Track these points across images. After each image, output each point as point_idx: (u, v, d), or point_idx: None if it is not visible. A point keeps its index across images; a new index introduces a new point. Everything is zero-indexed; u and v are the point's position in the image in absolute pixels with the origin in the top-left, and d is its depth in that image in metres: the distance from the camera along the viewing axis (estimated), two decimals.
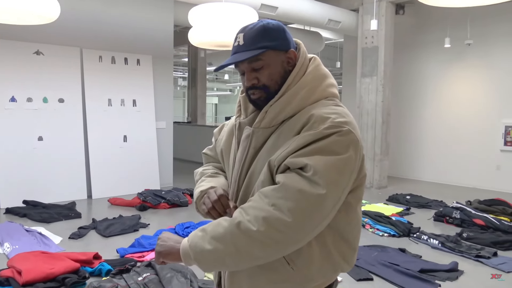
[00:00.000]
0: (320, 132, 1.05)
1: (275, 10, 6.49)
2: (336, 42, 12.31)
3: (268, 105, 1.17)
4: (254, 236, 1.01)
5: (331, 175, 1.02)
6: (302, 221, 1.00)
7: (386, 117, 7.27)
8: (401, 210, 5.48)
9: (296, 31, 9.39)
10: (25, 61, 5.67)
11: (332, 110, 1.12)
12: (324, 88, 1.19)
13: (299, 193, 1.01)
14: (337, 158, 1.04)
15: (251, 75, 1.17)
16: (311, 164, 1.02)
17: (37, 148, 5.69)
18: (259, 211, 1.02)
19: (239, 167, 1.21)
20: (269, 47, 1.15)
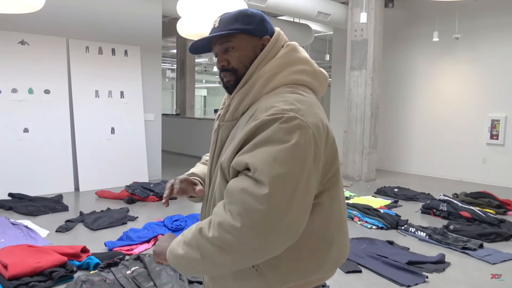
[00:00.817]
0: (260, 122, 1.00)
1: (265, 2, 6.45)
2: (325, 34, 12.30)
3: (230, 98, 1.16)
4: (212, 241, 0.97)
5: (272, 169, 0.94)
6: (252, 225, 0.93)
7: (374, 110, 7.30)
8: (389, 202, 5.53)
9: (285, 23, 9.35)
10: (10, 51, 5.54)
11: (282, 98, 1.06)
12: (286, 75, 1.13)
13: (242, 194, 0.95)
14: (279, 148, 0.96)
15: (222, 57, 1.17)
16: (250, 163, 0.96)
17: (23, 140, 5.60)
18: (216, 216, 0.99)
19: (210, 162, 1.23)
20: (242, 30, 1.15)
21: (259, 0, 6.36)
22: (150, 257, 3.13)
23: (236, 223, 0.93)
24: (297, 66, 1.15)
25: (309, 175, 0.99)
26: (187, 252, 1.01)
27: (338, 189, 1.15)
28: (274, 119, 0.99)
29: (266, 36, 1.18)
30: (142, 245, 3.75)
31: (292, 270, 1.08)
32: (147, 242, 3.82)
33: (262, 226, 0.93)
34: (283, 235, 0.96)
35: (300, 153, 0.98)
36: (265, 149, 0.96)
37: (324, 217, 1.10)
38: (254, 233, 0.93)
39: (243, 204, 0.94)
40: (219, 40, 1.17)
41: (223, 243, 0.95)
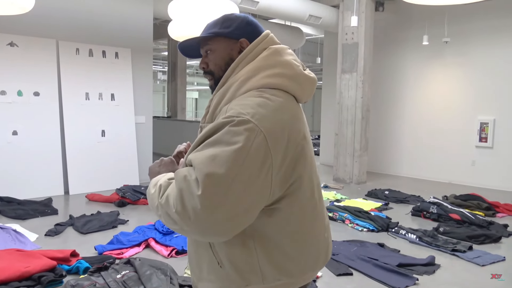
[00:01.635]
0: (215, 124, 1.05)
1: (256, 5, 6.46)
2: (316, 38, 12.37)
3: (209, 101, 1.21)
4: (160, 204, 1.07)
5: (208, 168, 0.98)
6: (182, 214, 1.00)
7: (365, 113, 7.34)
8: (380, 205, 5.56)
9: (276, 26, 9.38)
10: None
11: (244, 101, 1.07)
12: (259, 79, 1.12)
13: (183, 180, 1.02)
14: (222, 150, 0.99)
15: (203, 60, 1.25)
16: (192, 159, 1.03)
17: (12, 143, 5.53)
18: (170, 188, 1.07)
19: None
20: (218, 33, 1.20)
21: (251, 3, 6.37)
22: (141, 261, 3.11)
23: (172, 206, 1.02)
24: (273, 70, 1.14)
25: (251, 179, 1.00)
26: (152, 195, 1.12)
27: (301, 195, 1.15)
28: (227, 122, 1.03)
29: (243, 38, 1.21)
30: (133, 249, 3.73)
31: (252, 271, 1.12)
32: (138, 246, 3.79)
33: (188, 218, 0.99)
34: (211, 231, 1.01)
35: (243, 157, 0.99)
36: (210, 149, 1.01)
37: (280, 223, 1.12)
38: (184, 220, 1.00)
39: (180, 191, 1.01)
40: (201, 43, 1.25)
41: (165, 213, 1.05)
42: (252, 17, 1.28)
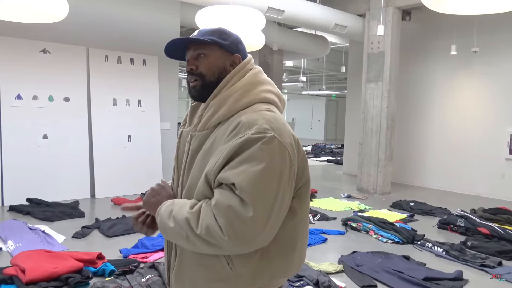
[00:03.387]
0: (246, 139, 1.09)
1: (282, 14, 6.49)
2: (341, 46, 12.31)
3: (203, 108, 1.24)
4: (198, 236, 1.08)
5: (256, 190, 1.05)
6: (236, 239, 1.05)
7: (390, 123, 7.25)
8: (405, 216, 5.46)
9: (300, 34, 9.39)
10: (32, 60, 5.68)
11: (261, 116, 1.15)
12: (258, 92, 1.23)
13: (228, 210, 1.05)
14: (262, 168, 1.06)
15: (192, 62, 1.26)
16: (237, 183, 1.05)
17: (42, 146, 5.70)
18: (205, 217, 1.08)
19: (181, 172, 1.28)
20: (216, 42, 1.24)
21: (276, 12, 6.40)
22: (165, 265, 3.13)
23: (221, 234, 1.05)
24: (264, 86, 1.26)
25: (284, 192, 1.11)
26: (175, 228, 1.13)
27: (307, 197, 1.26)
28: (257, 138, 1.08)
29: (237, 54, 1.28)
30: (157, 253, 3.77)
31: (263, 271, 1.17)
32: (162, 250, 3.83)
33: (242, 239, 1.05)
34: (258, 244, 1.10)
35: (278, 173, 1.09)
36: (248, 168, 1.06)
37: (293, 222, 1.21)
38: (234, 244, 1.06)
39: (229, 219, 1.04)
40: (193, 46, 1.26)
41: (207, 241, 1.08)
42: None
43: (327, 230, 4.76)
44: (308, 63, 14.03)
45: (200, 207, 1.11)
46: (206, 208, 1.09)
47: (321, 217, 5.34)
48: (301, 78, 13.96)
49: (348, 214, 5.50)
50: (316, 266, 3.55)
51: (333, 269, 3.54)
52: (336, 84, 20.11)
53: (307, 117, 23.19)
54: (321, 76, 17.05)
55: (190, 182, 1.22)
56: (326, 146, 17.02)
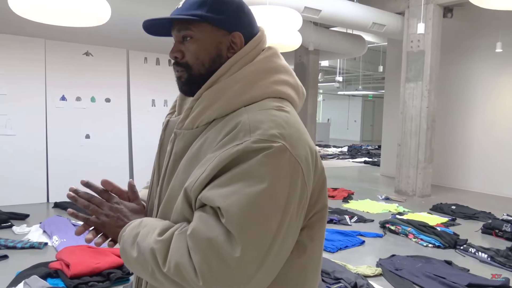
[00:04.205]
0: (244, 149, 0.79)
1: (319, 13, 6.44)
2: (378, 45, 12.08)
3: (194, 100, 0.92)
4: (164, 274, 0.81)
5: (250, 221, 0.76)
6: (212, 283, 0.76)
7: (431, 124, 7.04)
8: (446, 220, 5.28)
9: (337, 34, 9.28)
10: (75, 62, 5.89)
11: (268, 116, 0.84)
12: (268, 84, 0.90)
13: (208, 246, 0.76)
14: (261, 191, 0.76)
15: (177, 47, 0.95)
16: (224, 207, 0.76)
17: (84, 146, 5.90)
18: (176, 250, 0.79)
19: (162, 176, 0.98)
20: (206, 19, 0.90)
21: (313, 12, 6.36)
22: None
23: (193, 275, 0.77)
24: (279, 76, 0.93)
25: (290, 225, 0.81)
26: (139, 260, 0.85)
27: (322, 228, 0.94)
28: (259, 148, 0.78)
29: (238, 32, 0.93)
30: None
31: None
32: None
33: (222, 286, 0.76)
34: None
35: (284, 198, 0.79)
36: (242, 189, 0.77)
37: (301, 261, 0.89)
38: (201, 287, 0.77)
39: (207, 258, 0.76)
40: (177, 25, 0.94)
41: (176, 283, 0.80)
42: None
43: (364, 232, 4.67)
44: (344, 63, 13.85)
45: (171, 235, 0.82)
46: (179, 238, 0.80)
47: (358, 219, 5.25)
48: (337, 78, 13.80)
49: (386, 216, 5.38)
50: (353, 269, 3.49)
51: (371, 272, 3.47)
52: (373, 84, 19.76)
53: (343, 117, 22.89)
54: (358, 76, 16.79)
55: (170, 194, 0.92)
56: (362, 147, 16.73)
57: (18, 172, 5.45)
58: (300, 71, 9.53)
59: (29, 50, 5.56)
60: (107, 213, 0.96)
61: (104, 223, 0.95)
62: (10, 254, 3.63)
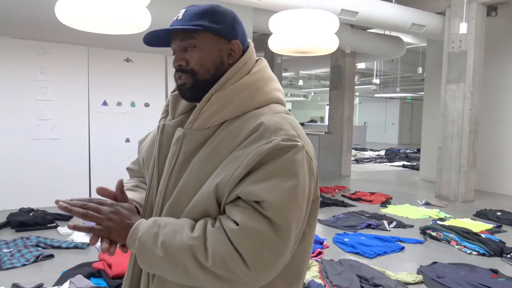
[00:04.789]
0: (274, 146, 0.88)
1: (356, 15, 6.36)
2: (417, 46, 11.77)
3: (204, 101, 0.98)
4: (207, 269, 0.85)
5: (291, 212, 0.86)
6: (261, 273, 0.85)
7: (474, 126, 6.78)
8: (491, 227, 5.06)
9: (374, 36, 9.12)
10: (116, 68, 6.08)
11: (284, 119, 0.95)
12: (270, 91, 1.02)
13: (258, 236, 0.84)
14: (294, 185, 0.87)
15: (180, 55, 1.01)
16: (269, 201, 0.85)
17: (125, 149, 6.07)
18: (217, 244, 0.85)
19: (167, 176, 1.01)
20: (208, 28, 0.98)
21: (350, 14, 6.28)
22: None
23: (244, 265, 0.84)
24: (274, 83, 1.05)
25: (307, 212, 0.94)
26: (167, 259, 0.87)
27: (316, 215, 1.03)
28: (288, 146, 0.89)
29: (236, 40, 1.02)
30: None
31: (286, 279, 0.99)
32: None
33: (268, 271, 0.86)
34: (274, 274, 0.89)
35: (307, 190, 0.92)
36: (280, 183, 0.86)
37: (302, 246, 0.99)
38: (258, 277, 0.86)
39: (257, 249, 0.84)
40: (180, 35, 1.00)
41: (216, 276, 0.85)
42: None
43: (404, 238, 4.55)
44: (381, 64, 13.59)
45: (204, 231, 0.87)
46: (217, 232, 0.86)
47: (397, 225, 5.13)
48: (374, 80, 13.55)
49: (427, 222, 5.22)
50: (393, 276, 3.41)
51: (412, 280, 3.38)
52: (411, 86, 19.27)
53: (380, 120, 22.44)
54: (395, 78, 16.43)
55: (180, 192, 0.96)
56: (400, 150, 16.34)
57: (62, 174, 5.68)
58: (337, 74, 9.43)
59: (73, 58, 5.79)
60: (109, 217, 0.93)
61: (110, 228, 0.92)
62: (56, 254, 3.79)
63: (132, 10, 3.34)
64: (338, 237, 4.50)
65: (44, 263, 3.60)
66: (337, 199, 6.56)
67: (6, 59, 5.35)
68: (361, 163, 12.26)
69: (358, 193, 7.06)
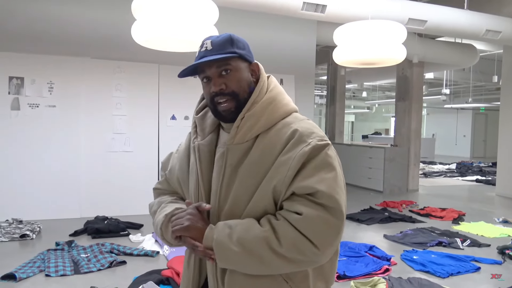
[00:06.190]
0: (313, 147, 1.07)
1: (424, 24, 6.14)
2: (492, 54, 11.10)
3: (239, 120, 1.14)
4: (281, 254, 1.03)
5: (339, 196, 1.05)
6: (327, 249, 1.04)
7: None
8: None
9: (444, 44, 8.73)
10: (184, 84, 6.33)
11: (310, 124, 1.16)
12: (287, 103, 1.21)
13: (321, 221, 1.02)
14: (335, 175, 1.08)
15: (219, 80, 1.15)
16: (322, 190, 1.03)
17: None
18: (290, 234, 1.02)
19: (218, 187, 1.15)
20: (240, 54, 1.16)
21: (418, 23, 6.08)
22: None
23: (311, 246, 1.02)
24: (286, 96, 1.24)
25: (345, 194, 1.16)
26: (243, 252, 1.04)
27: None
28: (323, 145, 1.09)
29: (255, 62, 1.22)
30: None
31: (318, 283, 1.16)
32: None
33: (332, 248, 1.06)
34: (334, 250, 1.10)
35: (342, 178, 1.13)
36: (325, 175, 1.06)
37: None
38: (325, 254, 1.05)
39: (322, 231, 1.02)
40: (216, 63, 1.15)
41: (293, 258, 1.03)
42: None
43: (479, 258, 4.26)
44: (451, 74, 12.95)
45: (270, 225, 1.05)
46: (283, 224, 1.04)
47: (472, 243, 4.82)
48: (444, 90, 12.94)
49: (505, 241, 4.85)
50: None
51: None
52: (485, 96, 18.13)
53: (451, 132, 21.30)
54: (467, 88, 15.57)
55: (235, 198, 1.11)
56: (473, 164, 15.38)
57: (134, 185, 5.99)
58: (403, 85, 9.13)
59: (145, 75, 6.13)
60: (188, 218, 1.12)
61: (189, 226, 1.10)
62: (128, 260, 3.99)
63: (201, 29, 3.49)
64: (407, 254, 4.31)
65: (117, 269, 3.81)
66: (405, 215, 6.30)
67: (87, 77, 5.80)
68: (430, 177, 11.69)
69: (427, 209, 6.73)
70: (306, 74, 7.23)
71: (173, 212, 1.21)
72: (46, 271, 3.59)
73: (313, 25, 7.13)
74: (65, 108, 5.68)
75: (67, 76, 5.69)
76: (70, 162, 5.71)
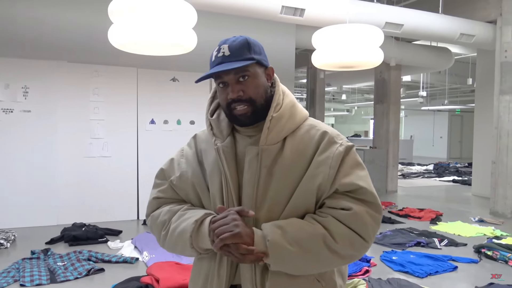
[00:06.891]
0: (345, 147, 1.15)
1: (401, 28, 6.25)
2: (467, 57, 11.37)
3: (268, 121, 1.14)
4: (336, 250, 1.07)
5: (374, 190, 1.14)
6: (373, 238, 1.12)
7: None
8: None
9: (421, 48, 8.90)
10: (163, 87, 6.30)
11: (330, 127, 1.23)
12: (301, 107, 1.25)
13: (367, 215, 1.09)
14: (367, 172, 1.17)
15: (236, 87, 1.14)
16: (364, 187, 1.11)
17: None
18: (342, 230, 1.08)
19: (254, 190, 1.12)
20: (257, 60, 1.16)
21: (395, 27, 6.18)
22: None
23: (365, 241, 1.09)
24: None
25: None
26: (299, 251, 1.06)
27: None
28: (351, 146, 1.16)
29: (270, 66, 1.22)
30: None
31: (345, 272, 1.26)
32: None
33: (374, 239, 1.13)
34: None
35: None
36: (360, 172, 1.14)
37: None
38: (370, 245, 1.12)
39: (369, 224, 1.09)
40: (234, 69, 1.13)
41: (347, 254, 1.09)
42: None
43: (456, 257, 4.34)
44: (428, 76, 13.21)
45: (320, 223, 1.08)
46: (331, 221, 1.08)
47: (449, 243, 4.90)
48: (421, 93, 13.19)
49: (481, 240, 4.96)
50: None
51: None
52: (460, 98, 18.56)
53: (428, 134, 21.71)
54: (443, 90, 15.90)
55: (274, 198, 1.11)
56: (450, 165, 15.70)
57: (112, 191, 5.90)
58: (381, 87, 9.26)
59: (123, 79, 6.05)
60: (235, 224, 1.06)
61: (240, 232, 1.04)
62: (106, 268, 3.92)
63: (179, 32, 3.46)
64: (386, 255, 4.36)
65: (95, 277, 3.74)
66: (384, 216, 6.38)
67: (63, 81, 5.68)
68: (408, 178, 11.88)
69: (406, 209, 6.83)
70: (286, 77, 7.26)
71: (203, 218, 1.13)
72: (21, 281, 3.49)
73: (292, 29, 7.17)
74: (41, 113, 5.56)
75: (42, 80, 5.57)
76: (47, 168, 5.58)
